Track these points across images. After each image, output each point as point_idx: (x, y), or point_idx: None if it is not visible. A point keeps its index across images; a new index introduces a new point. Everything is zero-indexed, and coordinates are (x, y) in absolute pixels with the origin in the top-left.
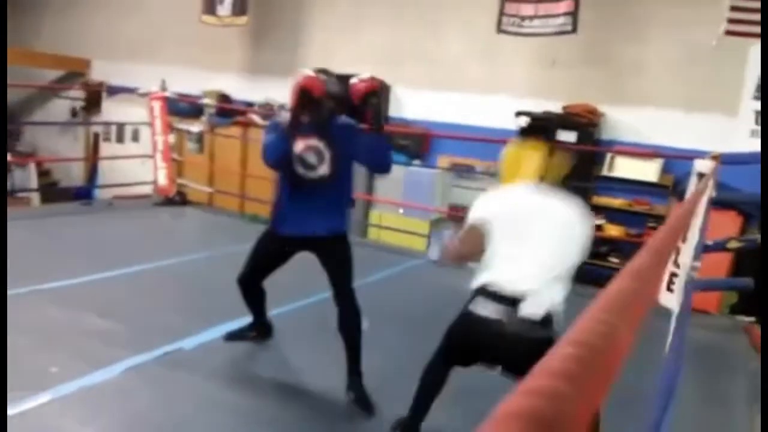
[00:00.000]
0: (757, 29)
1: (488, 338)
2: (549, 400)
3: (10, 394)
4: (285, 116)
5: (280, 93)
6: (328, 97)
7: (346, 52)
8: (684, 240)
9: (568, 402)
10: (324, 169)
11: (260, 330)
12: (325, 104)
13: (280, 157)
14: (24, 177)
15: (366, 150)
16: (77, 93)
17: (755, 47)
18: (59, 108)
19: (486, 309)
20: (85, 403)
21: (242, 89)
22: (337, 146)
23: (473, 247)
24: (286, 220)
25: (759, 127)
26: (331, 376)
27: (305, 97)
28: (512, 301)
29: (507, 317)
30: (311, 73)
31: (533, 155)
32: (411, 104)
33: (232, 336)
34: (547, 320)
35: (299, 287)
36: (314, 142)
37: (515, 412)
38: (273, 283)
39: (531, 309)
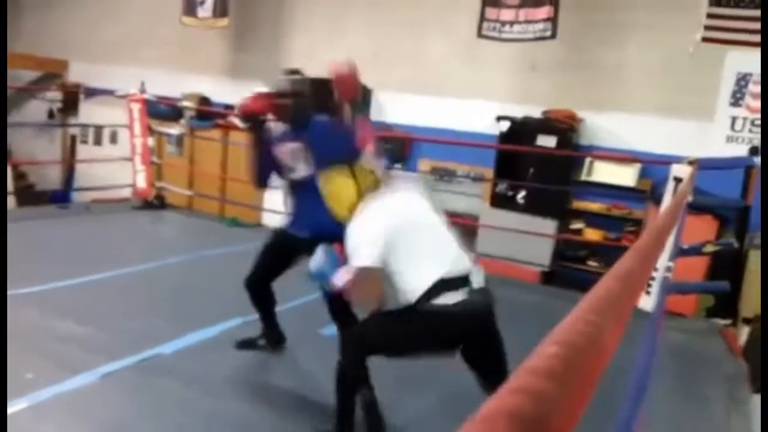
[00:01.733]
0: (733, 36)
1: (469, 320)
2: (534, 399)
3: None
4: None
5: None
6: (293, 96)
7: (328, 55)
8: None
9: (552, 401)
10: (302, 171)
11: (271, 338)
12: (286, 109)
13: (258, 177)
14: None
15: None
16: (54, 94)
17: (731, 54)
18: (36, 109)
19: (455, 297)
20: (61, 409)
21: (222, 92)
22: (316, 147)
23: (370, 293)
24: (291, 219)
25: (734, 133)
26: (314, 382)
27: (246, 118)
28: (466, 280)
29: (471, 294)
30: (252, 93)
31: (344, 182)
32: (392, 108)
33: (244, 344)
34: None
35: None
36: (291, 145)
37: (500, 411)
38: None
39: (479, 278)
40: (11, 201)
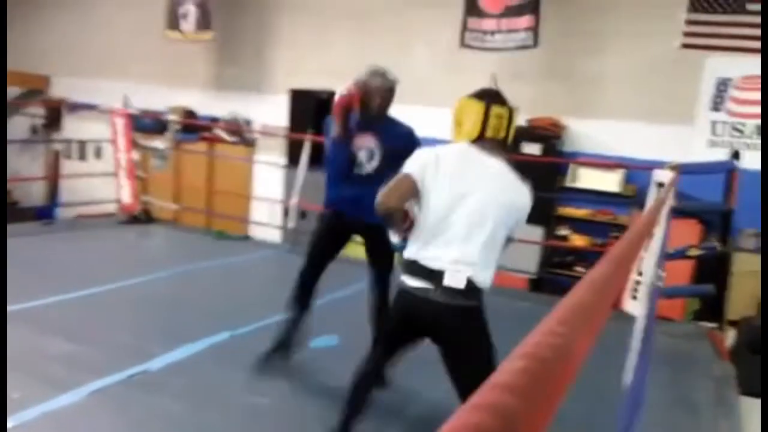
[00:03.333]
0: (712, 42)
1: (418, 309)
2: (497, 416)
3: None
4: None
5: (246, 108)
6: (374, 94)
7: (312, 67)
8: (646, 249)
9: (517, 416)
10: (373, 165)
11: (286, 342)
12: (372, 105)
13: (339, 171)
14: None
15: None
16: (37, 110)
17: (710, 59)
18: (18, 126)
19: (414, 281)
20: (49, 428)
21: (207, 105)
22: (388, 146)
23: (399, 199)
24: (340, 203)
25: (716, 137)
26: (303, 395)
27: (344, 111)
28: (437, 273)
29: (433, 288)
30: (345, 90)
31: (475, 108)
32: None
33: (270, 355)
34: (472, 289)
35: (266, 304)
36: (368, 140)
37: (461, 429)
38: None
39: (456, 281)
40: None
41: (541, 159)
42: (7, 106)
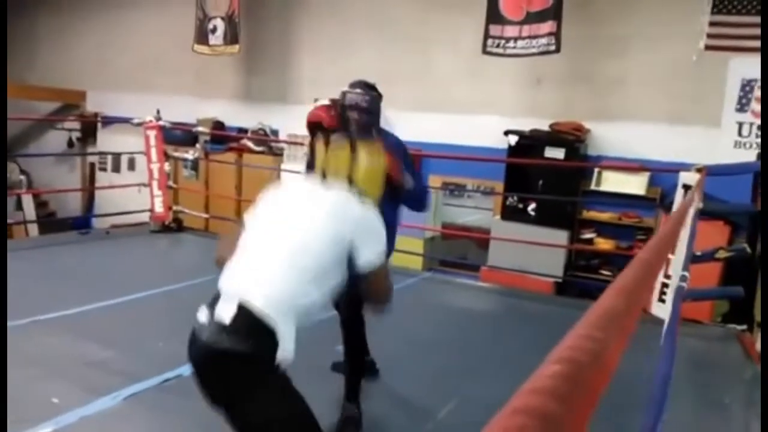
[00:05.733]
0: (736, 43)
1: (193, 351)
2: (538, 420)
3: (12, 427)
4: None
5: (273, 118)
6: (358, 111)
7: (336, 76)
8: (673, 251)
9: (556, 421)
10: None
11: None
12: (350, 122)
13: None
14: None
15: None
16: (73, 124)
17: (735, 60)
18: (55, 139)
19: (200, 313)
20: None
21: (235, 116)
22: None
23: (225, 249)
24: None
25: (742, 139)
26: (326, 399)
27: (313, 128)
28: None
29: (205, 322)
30: (320, 103)
31: (318, 147)
32: (401, 125)
33: (337, 367)
34: (256, 329)
35: None
36: None
37: None
38: None
39: (227, 312)
40: (34, 229)
41: (564, 163)
42: (6, 106)
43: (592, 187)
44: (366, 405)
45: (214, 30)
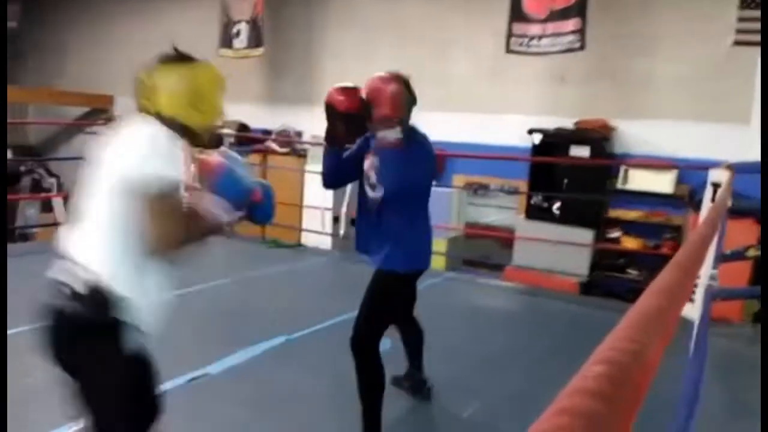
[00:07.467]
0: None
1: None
2: (582, 420)
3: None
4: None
5: (297, 120)
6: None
7: (359, 78)
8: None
9: (602, 421)
10: (380, 191)
11: (414, 382)
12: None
13: (326, 173)
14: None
15: None
16: (100, 128)
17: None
18: (84, 143)
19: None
20: None
21: (260, 118)
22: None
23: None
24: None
25: None
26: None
27: (330, 112)
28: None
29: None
30: (340, 86)
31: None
32: (425, 125)
33: (396, 381)
34: (93, 295)
35: (320, 310)
36: (369, 162)
37: None
38: (298, 309)
39: (57, 272)
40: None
41: (590, 161)
42: (6, 106)
43: (619, 185)
44: (391, 404)
45: (238, 34)
